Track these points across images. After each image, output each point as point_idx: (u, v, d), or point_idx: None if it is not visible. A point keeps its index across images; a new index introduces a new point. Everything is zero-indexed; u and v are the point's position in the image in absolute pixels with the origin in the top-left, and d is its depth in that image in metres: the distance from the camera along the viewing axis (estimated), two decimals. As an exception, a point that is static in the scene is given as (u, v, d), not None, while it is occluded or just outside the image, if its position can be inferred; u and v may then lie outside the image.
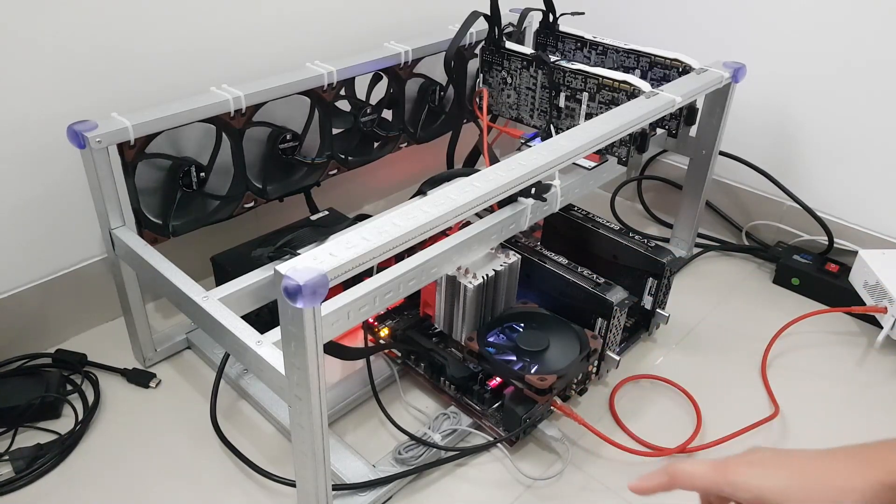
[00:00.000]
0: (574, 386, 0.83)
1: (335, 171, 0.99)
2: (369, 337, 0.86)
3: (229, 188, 0.87)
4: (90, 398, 0.83)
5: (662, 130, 1.01)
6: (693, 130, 1.03)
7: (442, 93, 1.08)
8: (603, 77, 0.89)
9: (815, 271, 1.06)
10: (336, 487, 0.71)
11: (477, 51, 1.05)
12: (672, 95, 0.85)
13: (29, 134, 0.81)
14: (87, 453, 0.78)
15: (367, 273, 0.61)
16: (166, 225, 0.82)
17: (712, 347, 0.96)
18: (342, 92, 0.94)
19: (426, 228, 0.61)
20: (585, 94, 0.92)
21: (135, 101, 0.87)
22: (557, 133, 0.80)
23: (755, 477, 0.42)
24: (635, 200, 1.30)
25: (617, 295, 0.81)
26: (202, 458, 0.78)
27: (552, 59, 0.94)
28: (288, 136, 0.90)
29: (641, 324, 0.94)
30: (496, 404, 0.80)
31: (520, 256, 0.81)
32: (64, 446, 0.77)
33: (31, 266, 0.88)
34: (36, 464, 0.75)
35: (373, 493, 0.72)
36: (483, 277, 0.76)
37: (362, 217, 0.93)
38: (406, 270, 0.65)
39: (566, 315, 0.82)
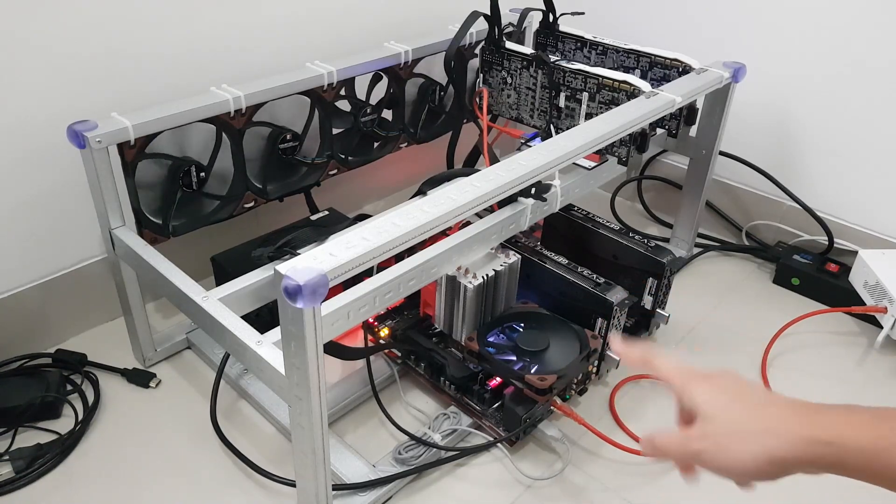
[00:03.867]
0: (574, 386, 0.83)
1: (335, 171, 0.99)
2: (369, 337, 0.86)
3: (229, 188, 0.87)
4: (90, 398, 0.83)
5: (662, 130, 1.01)
6: (693, 130, 1.03)
7: (442, 93, 1.08)
8: (603, 77, 0.89)
9: (815, 271, 1.06)
10: (336, 487, 0.71)
11: (477, 51, 1.05)
12: (672, 95, 0.85)
13: (29, 134, 0.81)
14: (87, 453, 0.78)
15: (367, 273, 0.61)
16: (166, 225, 0.82)
17: (712, 347, 0.96)
18: (342, 92, 0.94)
19: (426, 228, 0.61)
20: (585, 94, 0.92)
21: (135, 101, 0.87)
22: (557, 133, 0.80)
23: (704, 396, 0.45)
24: (635, 200, 1.30)
25: (617, 295, 0.81)
26: (202, 458, 0.78)
27: (552, 59, 0.94)
28: (288, 136, 0.90)
29: (641, 324, 0.94)
30: (496, 404, 0.80)
31: (520, 256, 0.81)
32: (64, 446, 0.77)
33: (31, 266, 0.88)
34: (36, 464, 0.75)
35: (373, 493, 0.72)
36: (483, 277, 0.76)
37: (362, 217, 0.93)
38: (406, 270, 0.65)
39: (566, 315, 0.82)
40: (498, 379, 0.80)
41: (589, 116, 0.93)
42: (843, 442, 0.40)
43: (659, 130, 1.01)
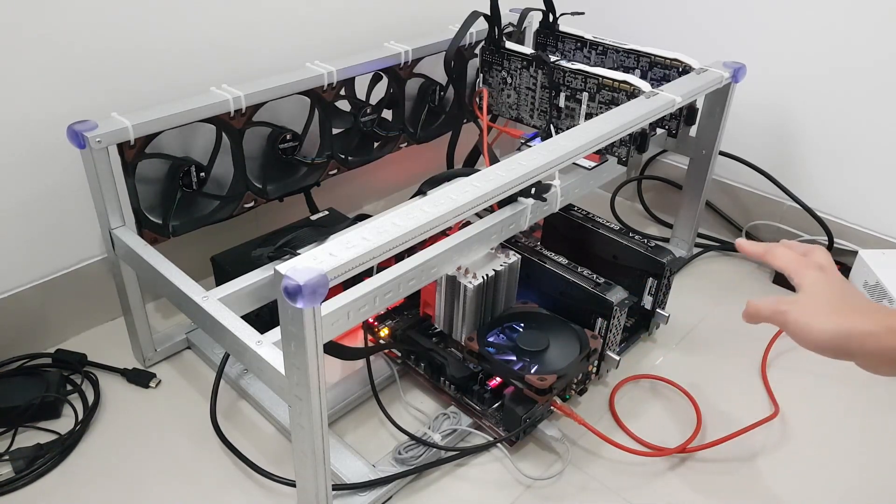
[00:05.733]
0: (574, 386, 0.83)
1: (335, 171, 0.99)
2: (369, 337, 0.86)
3: (229, 188, 0.87)
4: (90, 398, 0.83)
5: (662, 130, 1.01)
6: (693, 130, 1.03)
7: (442, 93, 1.08)
8: (603, 77, 0.89)
9: (815, 271, 1.05)
10: (336, 487, 0.71)
11: (477, 51, 1.05)
12: (672, 95, 0.85)
13: (29, 134, 0.81)
14: (87, 453, 0.78)
15: (367, 273, 0.61)
16: (166, 225, 0.82)
17: (712, 347, 0.96)
18: (342, 92, 0.94)
19: (426, 228, 0.61)
20: (585, 94, 0.92)
21: (135, 101, 0.87)
22: (557, 133, 0.80)
23: (812, 279, 0.53)
24: (635, 200, 1.30)
25: (617, 295, 0.81)
26: (202, 458, 0.78)
27: (552, 59, 0.94)
28: (288, 136, 0.90)
29: (641, 324, 0.94)
30: (496, 404, 0.80)
31: (520, 256, 0.81)
32: (64, 446, 0.77)
33: (31, 266, 0.88)
34: (36, 464, 0.75)
35: (373, 493, 0.72)
36: (483, 277, 0.76)
37: (362, 217, 0.93)
38: (406, 270, 0.65)
39: (566, 315, 0.82)
40: (498, 379, 0.80)
41: (589, 116, 0.93)
42: None
43: (659, 130, 1.01)
